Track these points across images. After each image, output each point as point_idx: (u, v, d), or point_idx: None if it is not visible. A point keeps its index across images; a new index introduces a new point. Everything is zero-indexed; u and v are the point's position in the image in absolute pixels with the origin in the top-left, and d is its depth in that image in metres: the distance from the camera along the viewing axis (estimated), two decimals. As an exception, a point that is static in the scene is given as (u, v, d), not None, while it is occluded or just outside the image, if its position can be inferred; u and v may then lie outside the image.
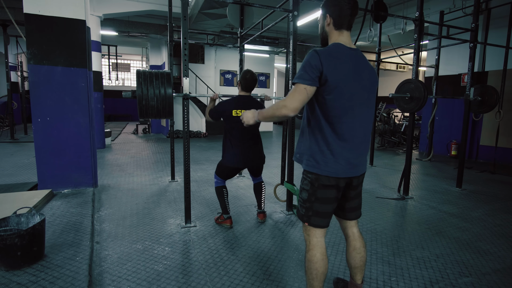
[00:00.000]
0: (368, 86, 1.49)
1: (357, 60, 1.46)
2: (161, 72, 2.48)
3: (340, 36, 1.49)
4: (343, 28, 1.49)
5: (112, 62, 14.44)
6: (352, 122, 1.44)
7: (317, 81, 1.37)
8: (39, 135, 3.55)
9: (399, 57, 6.79)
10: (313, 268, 1.49)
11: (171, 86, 2.46)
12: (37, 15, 3.41)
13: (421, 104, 3.59)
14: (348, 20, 1.48)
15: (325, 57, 1.37)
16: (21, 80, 10.50)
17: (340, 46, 1.44)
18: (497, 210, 3.49)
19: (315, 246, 1.51)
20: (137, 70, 2.45)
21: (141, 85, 2.37)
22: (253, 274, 2.07)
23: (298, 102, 1.36)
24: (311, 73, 1.36)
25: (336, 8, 1.46)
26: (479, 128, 6.71)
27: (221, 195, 2.82)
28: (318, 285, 1.50)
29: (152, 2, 7.49)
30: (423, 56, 10.01)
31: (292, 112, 1.37)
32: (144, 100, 2.38)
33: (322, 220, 1.51)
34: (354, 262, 1.65)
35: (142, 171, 5.05)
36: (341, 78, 1.38)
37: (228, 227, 2.81)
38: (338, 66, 1.38)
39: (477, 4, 4.16)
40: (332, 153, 1.44)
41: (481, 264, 2.27)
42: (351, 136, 1.45)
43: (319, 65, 1.36)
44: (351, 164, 1.47)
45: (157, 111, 2.46)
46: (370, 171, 5.43)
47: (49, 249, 2.25)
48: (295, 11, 3.05)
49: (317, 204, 1.49)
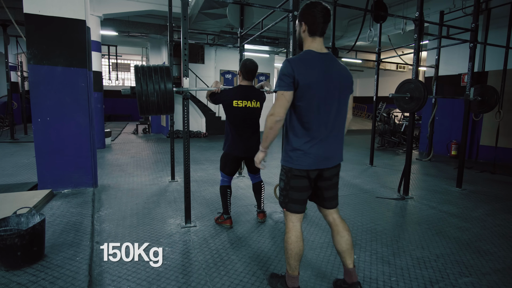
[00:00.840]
0: (340, 85, 1.66)
1: (327, 63, 1.64)
2: (160, 66, 2.42)
3: (313, 42, 1.67)
4: (316, 34, 1.66)
5: (112, 62, 14.44)
6: (323, 120, 1.64)
7: (292, 86, 1.58)
8: (39, 135, 3.55)
9: (399, 57, 6.80)
10: (289, 248, 1.72)
11: (171, 80, 2.37)
12: (37, 15, 3.41)
13: (421, 104, 3.59)
14: (321, 28, 1.65)
15: (295, 64, 1.59)
16: (21, 80, 10.50)
17: (310, 53, 1.65)
18: (497, 210, 3.49)
19: (291, 230, 1.73)
20: (135, 65, 2.38)
21: (140, 80, 2.28)
22: (253, 274, 2.07)
23: (280, 107, 1.60)
24: (286, 80, 1.58)
25: (310, 16, 1.63)
26: (479, 128, 6.71)
27: (225, 195, 2.81)
28: (294, 263, 1.73)
29: (152, 2, 7.49)
30: (423, 56, 10.00)
31: (279, 116, 1.60)
32: (144, 96, 2.29)
33: (297, 206, 1.73)
34: (340, 246, 1.79)
35: (142, 171, 5.05)
36: (311, 81, 1.58)
37: (228, 227, 2.81)
38: (308, 70, 1.59)
39: (477, 4, 4.16)
40: (303, 149, 1.65)
41: (481, 264, 2.27)
42: (321, 134, 1.65)
43: (291, 72, 1.57)
44: (320, 158, 1.66)
45: (158, 107, 2.37)
46: (370, 171, 5.43)
47: (49, 249, 2.24)
48: (295, 11, 3.05)
49: (292, 192, 1.72)
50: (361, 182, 4.63)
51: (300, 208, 1.73)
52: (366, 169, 5.61)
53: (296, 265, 1.73)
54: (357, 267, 2.16)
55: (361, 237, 2.68)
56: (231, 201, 2.88)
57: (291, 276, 1.76)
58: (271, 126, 1.62)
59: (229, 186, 2.84)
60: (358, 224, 2.97)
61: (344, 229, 1.80)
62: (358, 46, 10.49)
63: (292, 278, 1.76)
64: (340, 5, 4.40)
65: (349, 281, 1.79)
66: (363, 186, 4.43)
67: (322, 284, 1.97)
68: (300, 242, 1.71)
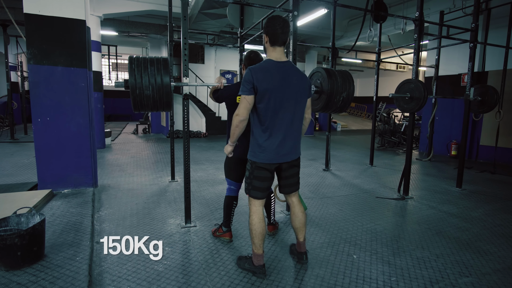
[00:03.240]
0: (297, 90, 1.92)
1: (286, 71, 1.90)
2: (156, 57, 2.24)
3: (273, 52, 1.94)
4: (276, 44, 1.92)
5: (112, 62, 14.43)
6: (280, 120, 1.89)
7: (252, 91, 1.84)
8: (39, 135, 3.55)
9: (399, 57, 6.80)
10: (253, 229, 1.99)
11: (168, 73, 2.19)
12: (37, 15, 3.41)
13: (421, 104, 3.59)
14: (280, 38, 1.90)
15: (255, 72, 1.84)
16: (21, 80, 10.49)
17: (269, 62, 1.91)
18: (497, 210, 3.49)
19: (254, 213, 2.01)
20: (129, 56, 2.19)
21: (133, 72, 2.09)
22: (253, 274, 2.07)
23: (244, 109, 1.86)
24: (247, 86, 1.84)
25: (270, 28, 1.90)
26: (479, 128, 6.71)
27: (229, 207, 2.54)
28: (258, 242, 1.99)
29: (152, 2, 7.48)
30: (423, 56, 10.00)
31: (243, 117, 1.86)
32: (138, 89, 2.09)
33: (259, 193, 2.00)
34: (295, 224, 2.15)
35: (142, 171, 5.05)
36: (268, 86, 1.83)
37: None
38: (266, 77, 1.84)
39: (477, 4, 4.16)
40: (263, 147, 1.92)
41: (481, 264, 2.27)
42: (279, 133, 1.91)
43: (251, 79, 1.83)
44: (279, 154, 1.94)
45: (153, 102, 2.18)
46: (370, 171, 5.43)
47: (49, 249, 2.25)
48: (295, 11, 3.05)
49: (255, 181, 1.99)
50: (361, 182, 4.63)
51: (261, 195, 2.01)
52: (366, 169, 5.61)
53: (260, 243, 2.00)
54: (357, 267, 2.18)
55: (361, 237, 2.68)
56: (234, 212, 2.62)
57: (257, 254, 2.01)
58: (237, 125, 1.89)
59: (236, 198, 2.55)
60: (358, 224, 2.97)
61: (300, 210, 2.15)
62: (358, 46, 10.48)
63: (258, 256, 2.01)
64: (340, 5, 4.40)
65: (299, 250, 2.20)
66: (363, 186, 4.43)
67: (322, 284, 1.97)
68: (262, 223, 2.00)
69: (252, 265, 2.04)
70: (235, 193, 2.55)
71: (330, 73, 2.61)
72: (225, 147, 2.10)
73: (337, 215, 3.22)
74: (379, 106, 8.92)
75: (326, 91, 2.57)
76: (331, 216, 3.17)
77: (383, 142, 8.61)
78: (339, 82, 2.57)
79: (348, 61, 14.27)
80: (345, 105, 2.65)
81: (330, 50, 5.18)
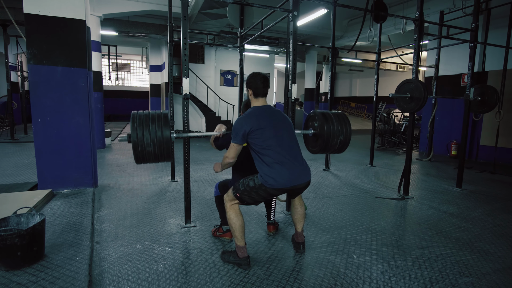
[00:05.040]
0: (284, 122, 2.22)
1: (271, 112, 2.19)
2: (157, 114, 2.35)
3: (257, 102, 2.24)
4: (259, 96, 2.23)
5: (112, 62, 14.44)
6: (281, 145, 2.09)
7: (243, 139, 2.09)
8: (39, 135, 3.55)
9: (399, 57, 6.80)
10: (232, 224, 2.13)
11: (168, 128, 2.30)
12: (37, 15, 3.41)
13: (421, 104, 3.59)
14: (262, 91, 2.21)
15: (245, 120, 2.10)
16: (21, 80, 10.49)
17: (256, 108, 2.20)
18: (497, 210, 3.49)
19: (230, 209, 2.16)
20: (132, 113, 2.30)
21: (135, 130, 2.20)
22: (253, 274, 2.07)
23: (233, 153, 2.15)
24: (239, 134, 2.08)
25: (252, 84, 2.21)
26: (479, 128, 6.71)
27: (222, 205, 2.48)
28: (239, 235, 2.12)
29: (152, 2, 7.49)
30: (423, 56, 10.01)
31: (232, 159, 2.16)
32: (140, 146, 2.22)
33: (250, 202, 2.15)
34: (294, 217, 2.36)
35: (142, 171, 5.05)
36: (260, 126, 2.07)
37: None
38: (258, 120, 2.09)
39: (477, 4, 4.16)
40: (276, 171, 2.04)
41: (481, 264, 2.27)
42: (285, 157, 2.08)
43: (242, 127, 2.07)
44: (293, 177, 2.08)
45: (155, 157, 2.31)
46: (370, 171, 5.43)
47: (49, 249, 2.25)
48: (295, 11, 3.05)
49: (254, 194, 2.10)
50: (361, 182, 4.63)
51: (247, 203, 2.16)
52: (366, 169, 5.61)
53: (242, 235, 2.13)
54: (357, 267, 2.18)
55: (361, 237, 2.68)
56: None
57: (240, 247, 2.13)
58: (226, 164, 2.20)
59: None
60: (358, 224, 2.97)
61: (299, 204, 2.37)
62: (358, 46, 10.49)
63: (241, 248, 2.13)
64: (340, 5, 4.40)
65: (297, 240, 2.39)
66: (363, 186, 4.43)
67: (322, 284, 1.97)
68: (240, 216, 2.14)
69: (237, 258, 2.14)
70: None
71: (327, 117, 2.71)
72: (216, 165, 2.36)
73: (337, 215, 3.22)
74: (379, 106, 8.92)
75: (323, 136, 2.66)
76: (331, 216, 3.17)
77: (383, 142, 8.61)
78: (335, 125, 2.67)
79: (348, 61, 14.28)
80: (343, 147, 2.76)
81: (330, 50, 5.18)
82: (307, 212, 3.27)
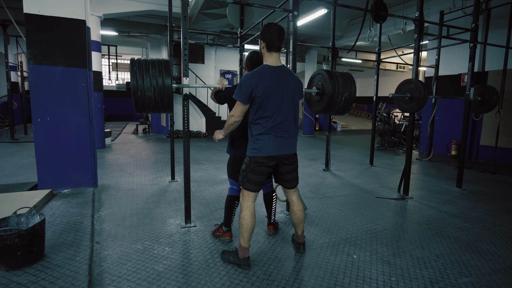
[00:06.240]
0: (292, 91, 2.08)
1: (281, 74, 2.04)
2: (158, 59, 2.25)
3: (270, 57, 2.05)
4: (272, 50, 2.03)
5: (112, 62, 14.44)
6: (279, 119, 2.02)
7: (248, 97, 1.97)
8: (39, 135, 3.55)
9: (399, 57, 6.80)
10: (244, 224, 2.09)
11: (170, 75, 2.20)
12: (37, 15, 3.41)
13: (421, 104, 3.59)
14: (276, 44, 2.01)
15: (253, 78, 1.96)
16: (21, 80, 10.50)
17: (266, 67, 2.03)
18: (497, 210, 3.49)
19: (246, 208, 2.11)
20: (131, 58, 2.22)
21: (135, 74, 2.11)
22: (253, 274, 2.07)
23: (239, 112, 2.03)
24: (244, 92, 1.96)
25: (266, 35, 2.01)
26: (479, 128, 6.71)
27: (231, 206, 2.55)
28: (247, 236, 2.10)
29: (152, 2, 7.49)
30: (423, 56, 10.01)
31: (238, 118, 2.04)
32: (140, 91, 2.12)
33: (252, 186, 2.10)
34: (293, 220, 2.32)
35: (142, 171, 5.05)
36: (267, 90, 1.96)
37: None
38: (264, 82, 1.96)
39: (477, 4, 4.16)
40: (262, 143, 2.03)
41: (481, 264, 2.27)
42: (278, 130, 2.04)
43: (249, 85, 1.95)
44: (277, 148, 2.05)
45: (155, 104, 2.20)
46: (370, 171, 5.43)
47: (49, 249, 2.25)
48: (295, 11, 3.05)
49: (250, 174, 2.09)
50: (361, 182, 4.63)
51: (254, 188, 2.10)
52: (366, 169, 5.61)
53: (249, 237, 2.11)
54: (357, 267, 2.18)
55: (361, 237, 2.68)
56: (235, 212, 2.63)
57: (243, 248, 2.11)
58: (232, 123, 2.08)
59: (238, 197, 2.54)
60: (358, 224, 2.97)
61: (298, 209, 2.29)
62: (358, 46, 10.49)
63: (244, 249, 2.11)
64: (340, 5, 4.40)
65: (297, 241, 2.38)
66: (363, 186, 4.43)
67: (322, 284, 1.97)
68: (253, 218, 2.11)
69: (237, 258, 2.13)
70: (237, 192, 2.54)
71: (331, 74, 2.61)
72: (218, 134, 2.26)
73: (337, 215, 3.22)
74: (379, 106, 8.91)
75: (328, 92, 2.57)
76: (331, 216, 3.17)
77: (383, 142, 8.61)
78: (340, 82, 2.57)
79: (348, 61, 14.27)
80: (347, 106, 2.64)
81: (330, 50, 5.18)
82: (307, 212, 3.27)
